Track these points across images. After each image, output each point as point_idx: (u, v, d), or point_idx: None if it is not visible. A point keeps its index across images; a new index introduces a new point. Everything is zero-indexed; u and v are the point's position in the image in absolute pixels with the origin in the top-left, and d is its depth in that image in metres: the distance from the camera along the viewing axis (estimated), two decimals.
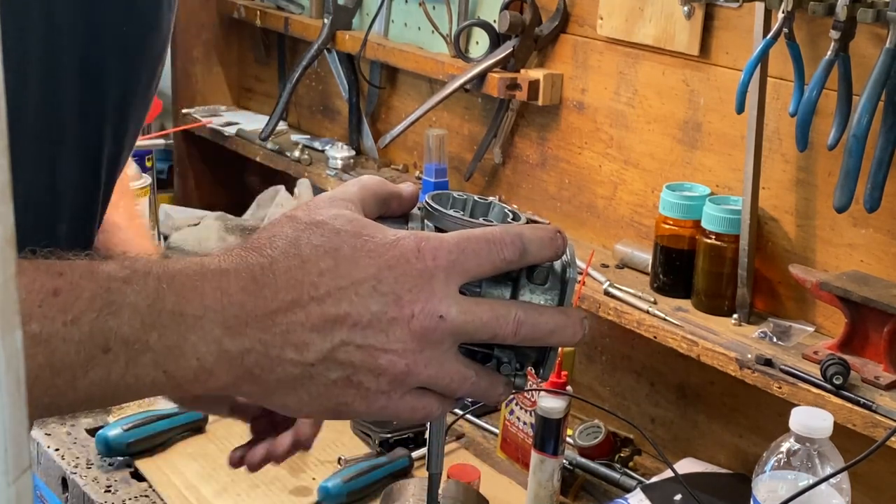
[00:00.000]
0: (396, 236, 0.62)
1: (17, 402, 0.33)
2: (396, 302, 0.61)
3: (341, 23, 2.17)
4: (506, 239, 0.63)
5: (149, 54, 0.84)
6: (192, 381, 0.61)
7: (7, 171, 0.32)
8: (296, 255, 0.62)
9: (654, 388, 1.70)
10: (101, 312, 0.58)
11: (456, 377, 0.63)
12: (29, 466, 0.33)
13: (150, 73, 0.85)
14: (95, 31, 0.76)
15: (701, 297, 1.52)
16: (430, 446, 0.73)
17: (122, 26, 0.78)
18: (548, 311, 0.64)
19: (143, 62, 0.83)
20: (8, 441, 0.32)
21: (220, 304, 0.61)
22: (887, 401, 1.26)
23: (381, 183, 0.68)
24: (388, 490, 1.35)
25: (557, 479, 1.47)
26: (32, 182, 0.74)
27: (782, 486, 1.12)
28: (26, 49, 0.70)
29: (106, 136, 0.80)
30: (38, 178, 0.75)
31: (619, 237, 1.71)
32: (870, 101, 1.24)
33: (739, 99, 1.40)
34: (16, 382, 0.33)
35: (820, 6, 1.31)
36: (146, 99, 0.86)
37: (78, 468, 1.53)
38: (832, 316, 1.42)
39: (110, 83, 0.79)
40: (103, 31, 0.76)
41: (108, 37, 0.77)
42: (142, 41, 0.82)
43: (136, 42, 0.81)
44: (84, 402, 0.60)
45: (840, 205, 1.29)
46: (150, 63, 0.84)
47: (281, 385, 0.62)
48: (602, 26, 1.67)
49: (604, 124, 1.72)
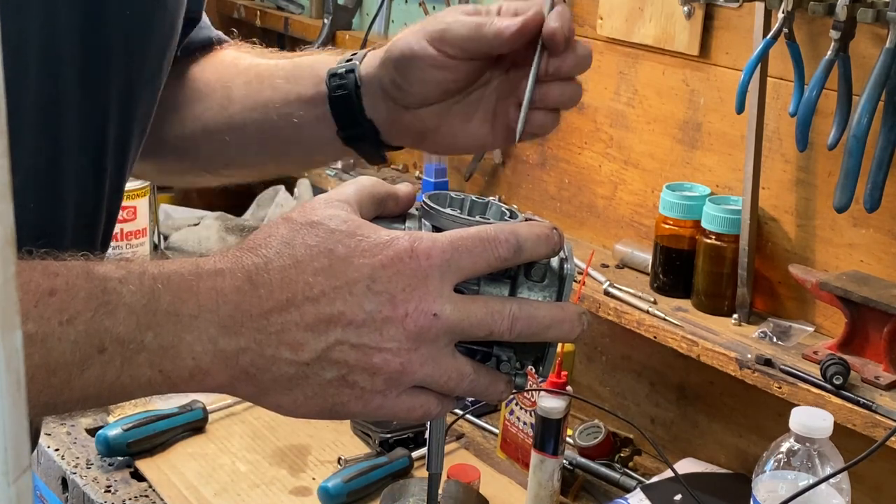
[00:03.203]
0: (391, 236, 0.63)
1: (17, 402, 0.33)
2: (390, 301, 0.61)
3: (341, 23, 2.17)
4: (500, 237, 0.63)
5: (156, 34, 0.83)
6: (187, 381, 0.61)
7: (7, 172, 0.32)
8: (290, 256, 0.62)
9: (654, 388, 1.70)
10: (96, 312, 0.59)
11: (453, 375, 0.63)
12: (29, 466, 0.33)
13: (158, 53, 0.85)
14: (97, 10, 0.75)
15: (701, 297, 1.52)
16: (430, 446, 0.73)
17: (125, 12, 0.78)
18: (544, 307, 0.64)
19: (150, 42, 0.83)
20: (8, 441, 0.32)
21: (215, 304, 0.61)
22: (887, 401, 1.26)
23: (377, 183, 0.68)
24: (388, 490, 1.35)
25: (557, 479, 1.47)
26: (31, 162, 0.74)
27: (782, 486, 1.12)
28: (24, 31, 0.70)
29: (111, 120, 0.80)
30: (39, 164, 0.74)
31: (619, 237, 1.71)
32: (870, 101, 1.24)
33: (739, 99, 1.40)
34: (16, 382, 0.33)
35: (820, 6, 1.31)
36: (155, 85, 0.86)
37: (78, 468, 1.53)
38: (832, 316, 1.42)
39: (114, 65, 0.78)
40: (105, 10, 0.76)
41: (110, 16, 0.77)
42: (148, 21, 0.81)
43: (141, 22, 0.80)
44: (80, 401, 0.61)
45: (840, 205, 1.29)
46: (157, 43, 0.84)
47: (276, 385, 0.62)
48: (602, 26, 1.67)
49: (604, 124, 1.72)
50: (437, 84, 0.83)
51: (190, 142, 0.98)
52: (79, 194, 0.79)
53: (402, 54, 0.83)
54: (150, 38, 0.83)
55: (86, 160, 0.79)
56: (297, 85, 0.92)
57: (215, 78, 0.98)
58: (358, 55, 0.90)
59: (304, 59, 0.95)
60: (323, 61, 0.92)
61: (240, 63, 0.98)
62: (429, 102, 0.85)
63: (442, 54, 0.81)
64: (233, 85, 0.96)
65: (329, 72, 0.89)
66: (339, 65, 0.90)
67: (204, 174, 1.05)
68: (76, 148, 0.77)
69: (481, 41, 0.80)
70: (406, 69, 0.83)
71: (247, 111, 0.94)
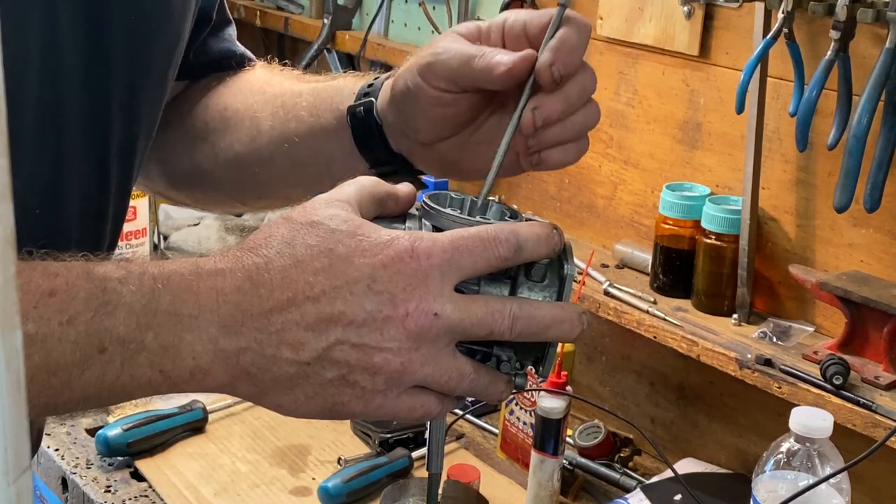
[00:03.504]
0: (391, 236, 0.62)
1: (17, 402, 0.33)
2: (391, 301, 0.61)
3: (341, 23, 2.17)
4: (500, 236, 0.63)
5: (160, 44, 0.83)
6: (187, 381, 0.61)
7: (7, 172, 0.32)
8: (291, 255, 0.62)
9: (654, 388, 1.70)
10: (96, 313, 0.59)
11: (454, 374, 0.63)
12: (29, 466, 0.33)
13: (162, 62, 0.84)
14: (100, 19, 0.75)
15: (701, 297, 1.52)
16: (430, 446, 0.73)
17: (129, 15, 0.78)
18: (544, 306, 0.64)
19: (153, 52, 0.83)
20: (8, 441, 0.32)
21: (215, 304, 0.61)
22: (887, 401, 1.26)
23: (377, 183, 0.68)
24: (388, 490, 1.35)
25: (557, 479, 1.47)
26: (34, 168, 0.74)
27: (782, 486, 1.12)
28: (26, 36, 0.70)
29: (114, 125, 0.80)
30: (41, 170, 0.75)
31: (619, 237, 1.71)
32: (870, 101, 1.24)
33: (739, 99, 1.40)
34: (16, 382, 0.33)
35: (820, 6, 1.31)
36: (161, 87, 0.86)
37: (78, 468, 1.53)
38: (832, 316, 1.42)
39: (117, 71, 0.78)
40: (109, 20, 0.76)
41: (114, 22, 0.77)
42: (153, 27, 0.81)
43: (145, 32, 0.80)
44: (80, 401, 0.61)
45: (840, 205, 1.29)
46: (161, 52, 0.84)
47: (277, 384, 0.62)
48: (602, 26, 1.67)
49: (604, 124, 1.71)
50: (443, 120, 0.78)
51: (222, 172, 0.96)
52: (83, 198, 0.79)
53: (401, 94, 0.78)
54: (154, 44, 0.83)
55: (89, 165, 0.79)
56: (319, 118, 0.88)
57: (244, 107, 0.94)
58: (375, 85, 0.84)
59: (325, 88, 0.90)
60: (342, 92, 0.87)
61: (267, 91, 0.94)
62: (442, 137, 0.80)
63: (437, 90, 0.75)
64: (261, 116, 0.92)
65: (348, 110, 0.85)
66: (357, 102, 0.85)
67: (239, 204, 1.03)
68: (79, 152, 0.77)
69: (471, 77, 0.73)
70: (408, 110, 0.79)
71: (274, 144, 0.90)
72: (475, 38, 0.75)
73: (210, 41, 0.99)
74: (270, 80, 0.97)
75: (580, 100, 0.72)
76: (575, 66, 0.70)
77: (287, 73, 0.98)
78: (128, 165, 0.83)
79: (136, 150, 0.84)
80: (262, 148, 0.92)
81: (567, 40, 0.70)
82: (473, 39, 0.75)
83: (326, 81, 0.91)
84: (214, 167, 0.96)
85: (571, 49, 0.70)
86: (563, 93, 0.71)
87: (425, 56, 0.75)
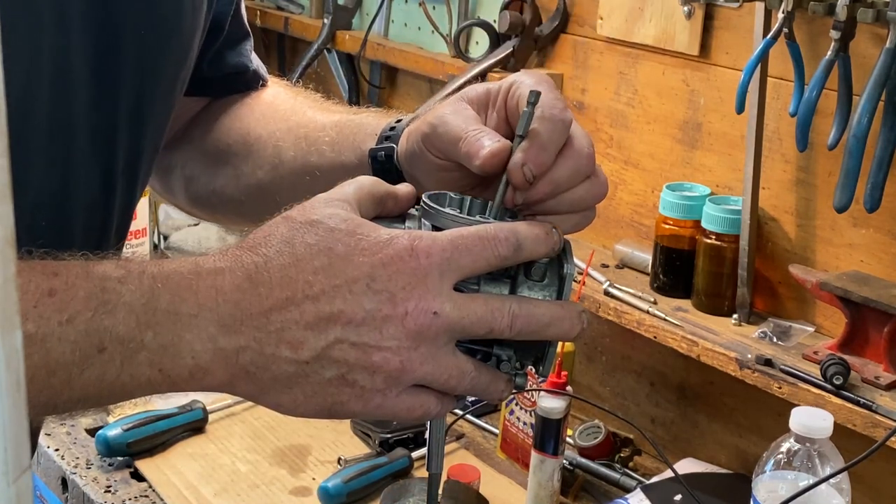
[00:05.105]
0: (390, 235, 0.62)
1: (17, 402, 0.33)
2: (390, 300, 0.61)
3: (341, 23, 2.17)
4: (500, 235, 0.63)
5: (169, 60, 0.83)
6: (187, 380, 0.61)
7: (7, 172, 0.32)
8: (290, 254, 0.62)
9: (654, 388, 1.70)
10: (96, 312, 0.59)
11: (454, 373, 0.63)
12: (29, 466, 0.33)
13: (170, 78, 0.85)
14: (111, 33, 0.76)
15: (701, 297, 1.52)
16: (430, 446, 0.73)
17: (140, 30, 0.78)
18: (543, 305, 0.64)
19: (163, 68, 0.83)
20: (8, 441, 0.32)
21: (214, 303, 0.61)
22: (887, 401, 1.26)
23: (376, 183, 0.68)
24: (388, 490, 1.35)
25: (557, 479, 1.47)
26: (43, 180, 0.74)
27: (782, 486, 1.12)
28: (37, 54, 0.71)
29: (120, 140, 0.80)
30: (50, 177, 0.75)
31: (619, 237, 1.71)
32: (870, 101, 1.24)
33: (739, 99, 1.40)
34: (16, 382, 0.33)
35: (820, 6, 1.31)
36: (168, 102, 0.86)
37: (78, 468, 1.53)
38: (832, 316, 1.42)
39: (125, 89, 0.79)
40: (119, 34, 0.76)
41: (125, 40, 0.77)
42: (162, 44, 0.81)
43: (155, 46, 0.80)
44: (80, 401, 0.61)
45: (840, 205, 1.29)
46: (170, 68, 0.84)
47: (276, 383, 0.62)
48: (602, 26, 1.67)
49: (604, 124, 1.72)
50: (450, 181, 0.75)
51: (244, 196, 0.96)
52: (87, 212, 0.79)
53: (410, 154, 0.78)
54: (164, 60, 0.83)
55: (96, 179, 0.79)
56: (341, 154, 0.87)
57: (267, 134, 0.94)
58: (397, 129, 0.82)
59: (348, 123, 0.88)
60: (364, 130, 0.86)
61: (290, 119, 0.94)
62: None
63: (437, 158, 0.74)
64: (283, 145, 0.92)
65: (370, 152, 0.83)
66: (378, 145, 0.83)
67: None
68: (86, 167, 0.77)
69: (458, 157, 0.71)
70: (417, 169, 0.78)
71: (296, 175, 0.90)
72: (483, 104, 0.73)
73: (226, 53, 0.99)
74: (294, 107, 0.96)
75: (572, 181, 0.68)
76: (547, 164, 0.66)
77: (309, 100, 0.97)
78: (132, 180, 0.84)
79: (141, 164, 0.84)
80: (284, 177, 0.92)
81: (537, 139, 0.66)
82: (481, 105, 0.73)
83: (349, 115, 0.90)
84: (236, 191, 0.96)
85: (542, 147, 0.66)
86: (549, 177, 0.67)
87: (428, 123, 0.74)
